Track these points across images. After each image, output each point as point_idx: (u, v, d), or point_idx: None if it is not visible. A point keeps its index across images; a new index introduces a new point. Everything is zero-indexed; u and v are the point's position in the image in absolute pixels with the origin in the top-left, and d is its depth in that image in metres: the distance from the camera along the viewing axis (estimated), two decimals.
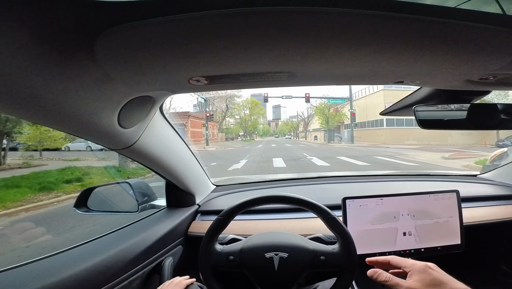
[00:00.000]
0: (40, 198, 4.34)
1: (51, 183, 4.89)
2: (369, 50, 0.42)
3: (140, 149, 0.77)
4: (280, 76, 0.51)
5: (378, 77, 0.57)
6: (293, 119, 65.12)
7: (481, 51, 0.43)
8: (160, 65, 0.45)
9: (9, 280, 0.57)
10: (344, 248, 0.70)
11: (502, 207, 1.19)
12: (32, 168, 6.15)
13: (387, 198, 0.96)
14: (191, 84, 0.53)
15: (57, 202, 4.29)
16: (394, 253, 0.96)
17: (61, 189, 4.80)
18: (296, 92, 22.17)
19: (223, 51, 0.40)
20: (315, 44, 0.39)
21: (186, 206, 1.16)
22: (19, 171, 5.56)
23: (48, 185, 4.78)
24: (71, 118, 0.52)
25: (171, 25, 0.34)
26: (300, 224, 1.06)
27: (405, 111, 0.88)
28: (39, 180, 4.94)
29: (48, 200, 4.28)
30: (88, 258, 0.69)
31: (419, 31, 0.37)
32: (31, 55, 0.36)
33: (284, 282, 0.69)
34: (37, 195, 4.42)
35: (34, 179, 5.03)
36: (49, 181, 4.97)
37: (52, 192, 4.65)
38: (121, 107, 0.58)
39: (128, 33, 0.35)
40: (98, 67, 0.43)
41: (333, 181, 1.54)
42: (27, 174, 5.29)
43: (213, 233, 0.73)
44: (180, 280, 0.76)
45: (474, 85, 0.62)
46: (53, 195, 4.53)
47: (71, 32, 0.35)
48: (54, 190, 4.72)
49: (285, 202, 0.74)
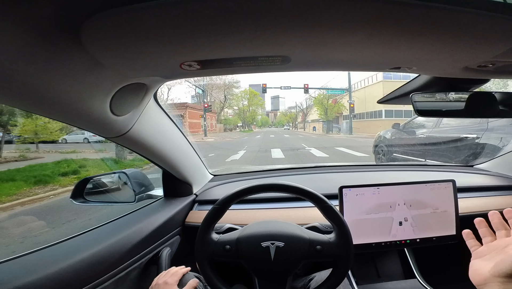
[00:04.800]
0: (36, 191, 4.27)
1: (47, 176, 4.79)
2: (365, 35, 0.41)
3: (134, 137, 0.77)
4: (274, 60, 0.50)
5: (374, 62, 0.56)
6: (292, 110, 64.89)
7: (480, 37, 0.43)
8: (150, 50, 0.44)
9: (7, 271, 0.57)
10: (340, 238, 0.70)
11: (498, 197, 1.20)
12: (28, 161, 6.02)
13: (384, 187, 0.96)
14: (183, 69, 0.52)
15: (53, 196, 4.22)
16: (389, 243, 0.97)
17: (57, 182, 4.73)
18: (295, 83, 22.03)
19: (215, 35, 0.39)
20: (309, 28, 0.38)
21: (183, 195, 1.16)
22: (15, 164, 5.47)
23: (44, 178, 4.69)
24: (62, 106, 0.51)
25: (160, 9, 0.33)
26: (296, 213, 1.07)
27: (402, 99, 0.87)
28: (35, 173, 4.85)
29: (44, 194, 4.22)
30: (85, 248, 0.69)
31: (416, 17, 0.36)
32: (17, 44, 0.35)
33: (280, 271, 0.69)
34: (32, 188, 4.36)
35: (30, 172, 4.96)
36: (45, 174, 4.87)
37: (47, 185, 4.58)
38: (112, 94, 0.57)
39: (116, 18, 0.34)
40: (86, 53, 0.42)
41: (330, 171, 1.54)
42: (23, 167, 5.20)
43: (210, 222, 0.73)
44: (176, 270, 0.77)
45: (473, 73, 0.61)
46: (49, 188, 4.46)
47: (56, 19, 0.34)
48: (50, 183, 4.65)
49: (282, 190, 0.74)
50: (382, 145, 5.64)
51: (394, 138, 5.43)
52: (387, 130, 5.74)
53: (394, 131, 5.45)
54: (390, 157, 5.24)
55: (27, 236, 2.40)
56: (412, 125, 5.07)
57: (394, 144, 5.38)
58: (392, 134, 5.49)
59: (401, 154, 5.02)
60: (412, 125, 5.09)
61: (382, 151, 5.58)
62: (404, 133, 5.21)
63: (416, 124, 4.96)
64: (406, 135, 5.14)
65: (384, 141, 5.65)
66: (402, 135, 5.24)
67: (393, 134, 5.47)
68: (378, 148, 5.70)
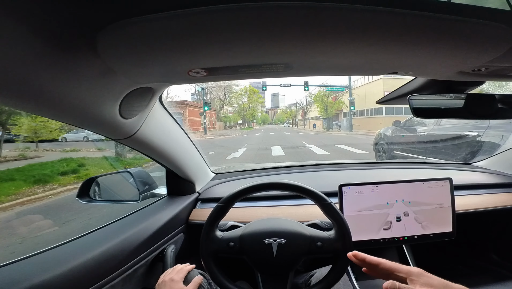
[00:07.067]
0: (35, 191, 4.23)
1: (46, 176, 4.75)
2: (363, 43, 0.43)
3: (141, 139, 0.79)
4: (277, 67, 0.53)
5: (372, 68, 0.58)
6: (292, 107, 64.73)
7: (473, 44, 0.45)
8: (160, 59, 0.46)
9: (21, 270, 0.58)
10: (340, 234, 0.72)
11: (494, 195, 1.21)
12: (27, 160, 5.98)
13: (382, 186, 0.98)
14: (191, 75, 0.54)
15: (52, 195, 4.17)
16: (388, 239, 0.99)
17: (56, 182, 4.69)
18: (294, 80, 21.98)
19: (221, 45, 0.42)
20: (310, 37, 0.40)
21: (186, 194, 1.18)
22: (15, 164, 5.46)
23: (43, 178, 4.65)
24: (75, 111, 0.53)
25: (171, 20, 0.35)
26: (297, 211, 1.09)
27: (400, 100, 0.89)
28: (34, 173, 4.81)
29: (43, 193, 4.16)
30: (96, 246, 0.71)
31: (411, 25, 0.38)
32: (35, 51, 0.37)
33: (282, 267, 0.71)
34: (32, 188, 4.31)
35: (29, 171, 4.91)
36: (44, 173, 4.83)
37: (47, 184, 4.54)
38: (122, 98, 0.59)
39: (129, 28, 0.36)
40: (101, 61, 0.44)
41: (330, 168, 1.56)
42: (22, 167, 5.16)
43: (214, 219, 0.74)
44: (181, 267, 0.78)
45: (467, 76, 0.63)
46: (48, 188, 4.42)
47: (74, 28, 0.36)
48: (49, 182, 4.61)
49: (284, 189, 0.76)
50: (382, 142, 5.62)
51: (395, 135, 5.41)
52: (388, 127, 5.71)
53: (394, 128, 5.41)
54: (391, 154, 5.22)
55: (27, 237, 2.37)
56: (413, 122, 5.03)
57: (395, 142, 5.35)
58: (393, 131, 5.46)
59: (401, 152, 5.00)
60: (412, 122, 5.05)
61: (382, 148, 5.56)
62: (404, 130, 5.17)
63: (417, 122, 4.92)
64: (407, 133, 5.11)
65: (384, 138, 5.63)
66: (403, 133, 5.21)
67: (394, 131, 5.44)
68: (379, 146, 5.68)
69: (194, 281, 0.73)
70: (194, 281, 0.74)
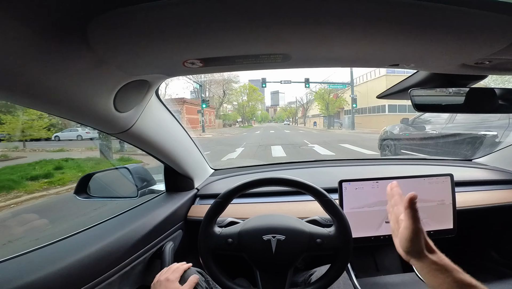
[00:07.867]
0: None
1: (12, 181, 4.00)
2: (363, 33, 0.42)
3: (137, 133, 0.78)
4: (275, 58, 0.51)
5: (373, 59, 0.57)
6: (292, 105, 64.66)
7: (476, 36, 0.43)
8: (153, 49, 0.45)
9: (14, 268, 0.57)
10: (340, 231, 0.71)
11: (495, 192, 1.20)
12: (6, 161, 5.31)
13: (383, 181, 0.97)
14: (186, 66, 0.53)
15: (14, 204, 3.48)
16: (388, 236, 0.98)
17: (23, 188, 3.94)
18: (295, 77, 21.89)
19: (217, 34, 0.40)
20: (309, 27, 0.39)
21: (185, 190, 1.17)
22: None
23: (8, 184, 3.91)
24: (67, 103, 0.52)
25: (164, 9, 0.34)
26: (297, 207, 1.08)
27: (401, 94, 0.88)
28: (0, 178, 4.10)
29: (5, 202, 3.49)
30: (92, 243, 0.70)
31: (413, 15, 0.37)
32: (24, 43, 0.36)
33: (281, 264, 0.70)
34: None
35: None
36: (10, 178, 4.08)
37: (11, 192, 3.80)
38: (116, 91, 0.58)
39: (121, 18, 0.35)
40: (92, 52, 0.43)
41: (330, 165, 1.55)
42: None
43: (212, 215, 0.74)
44: (177, 266, 0.78)
45: (470, 70, 0.62)
46: (12, 196, 3.70)
47: (63, 18, 0.35)
48: (14, 189, 3.87)
49: (283, 184, 0.75)
50: (388, 140, 5.47)
51: (403, 133, 5.24)
52: (395, 124, 5.55)
53: (402, 126, 5.23)
54: (397, 153, 5.08)
55: None
56: (422, 120, 4.87)
57: (402, 140, 5.20)
58: (401, 129, 5.29)
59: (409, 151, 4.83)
60: (421, 120, 4.89)
61: (388, 147, 5.41)
62: (413, 128, 5.01)
63: (427, 120, 4.76)
64: (416, 131, 4.95)
65: (391, 136, 5.48)
66: (411, 131, 5.05)
67: (401, 129, 5.27)
68: (384, 144, 5.54)
69: (190, 281, 0.73)
70: (190, 280, 0.73)
